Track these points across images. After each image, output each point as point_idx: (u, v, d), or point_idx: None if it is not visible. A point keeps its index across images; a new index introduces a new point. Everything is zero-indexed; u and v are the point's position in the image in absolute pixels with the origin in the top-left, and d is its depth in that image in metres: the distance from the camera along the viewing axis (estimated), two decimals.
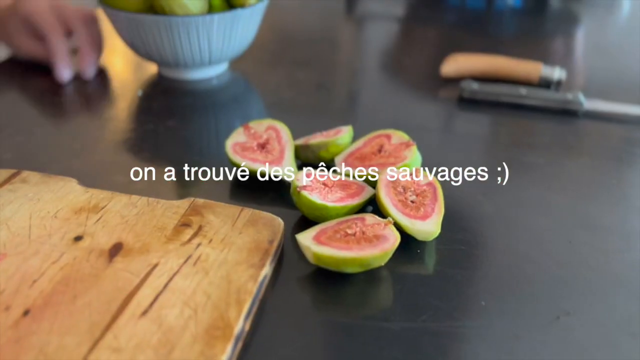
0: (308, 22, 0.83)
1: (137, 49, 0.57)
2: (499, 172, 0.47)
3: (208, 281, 0.32)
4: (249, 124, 0.46)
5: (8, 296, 0.31)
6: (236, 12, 0.54)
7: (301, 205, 0.39)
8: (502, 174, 0.47)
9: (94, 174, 0.43)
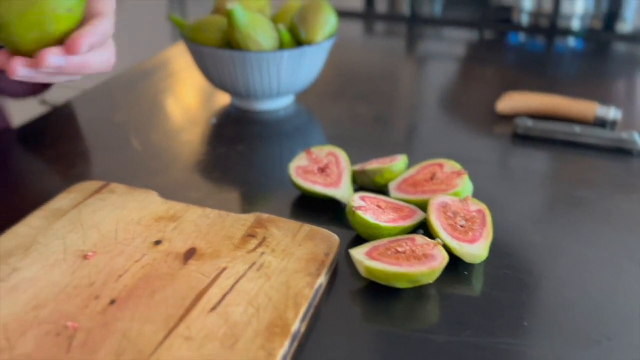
0: (370, 59, 0.88)
1: (213, 81, 0.63)
2: (549, 204, 0.49)
3: (269, 285, 0.36)
4: (311, 149, 0.50)
5: (97, 287, 0.35)
6: (304, 49, 0.59)
7: (356, 224, 0.42)
8: (552, 206, 0.48)
9: (172, 189, 0.48)
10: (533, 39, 0.97)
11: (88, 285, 0.35)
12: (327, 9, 0.62)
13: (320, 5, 0.62)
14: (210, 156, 0.56)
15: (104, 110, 0.66)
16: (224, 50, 0.58)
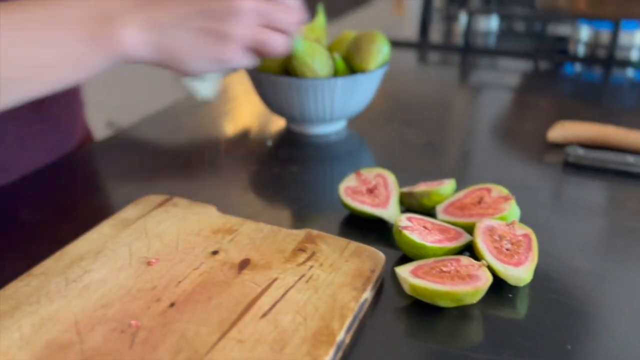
0: (422, 88, 0.90)
1: (270, 105, 0.67)
2: (599, 232, 0.48)
3: (317, 297, 0.38)
4: (361, 171, 0.52)
5: (159, 291, 0.38)
6: (357, 77, 0.62)
7: (402, 243, 0.44)
8: (602, 235, 0.48)
9: (229, 204, 0.51)
10: (589, 70, 0.96)
11: (151, 289, 0.38)
12: (381, 39, 0.65)
13: (374, 35, 0.65)
14: (265, 175, 0.59)
15: (170, 131, 0.70)
16: (281, 77, 0.62)
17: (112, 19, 0.45)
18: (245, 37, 0.48)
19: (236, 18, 0.47)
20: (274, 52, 0.50)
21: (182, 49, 0.47)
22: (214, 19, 0.47)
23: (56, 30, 0.43)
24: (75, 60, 0.45)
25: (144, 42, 0.46)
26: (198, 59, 0.48)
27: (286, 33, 0.51)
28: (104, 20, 0.45)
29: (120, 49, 0.46)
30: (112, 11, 0.45)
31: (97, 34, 0.45)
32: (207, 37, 0.47)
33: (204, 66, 0.49)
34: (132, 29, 0.45)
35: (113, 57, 0.46)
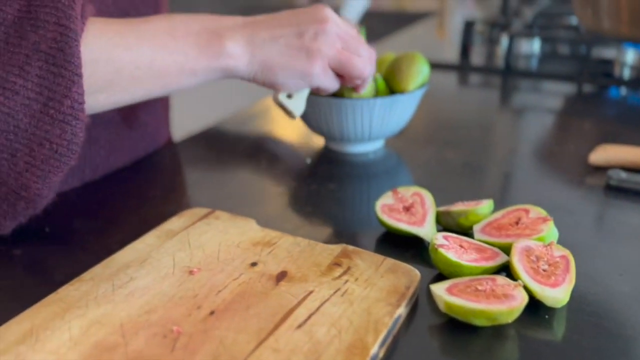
0: (462, 109, 0.90)
1: (310, 124, 0.68)
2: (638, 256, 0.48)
3: (352, 310, 0.39)
4: (397, 189, 0.52)
5: (200, 299, 0.40)
6: (396, 97, 0.63)
7: (437, 261, 0.44)
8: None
9: (269, 219, 0.53)
10: (635, 93, 0.94)
11: (192, 297, 0.40)
12: (420, 60, 0.66)
13: (413, 56, 0.66)
14: (303, 192, 0.60)
15: (213, 148, 0.73)
16: (320, 97, 0.63)
17: (222, 34, 0.53)
18: (330, 54, 0.55)
19: (323, 38, 0.54)
20: (354, 73, 0.57)
21: (275, 61, 0.54)
22: (304, 38, 0.54)
23: (175, 41, 0.51)
24: (188, 67, 0.52)
25: (245, 56, 0.53)
26: (288, 72, 0.55)
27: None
28: (214, 35, 0.52)
29: (226, 61, 0.53)
30: (222, 28, 0.53)
31: (208, 45, 0.52)
32: (297, 52, 0.54)
33: (293, 79, 0.55)
34: (237, 44, 0.53)
35: (219, 67, 0.53)
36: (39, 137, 0.44)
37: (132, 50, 0.48)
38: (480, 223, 0.49)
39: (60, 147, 0.44)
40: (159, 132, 0.74)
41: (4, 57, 0.43)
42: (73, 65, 0.43)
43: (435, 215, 0.50)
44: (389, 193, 0.53)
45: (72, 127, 0.44)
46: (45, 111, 0.43)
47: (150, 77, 0.50)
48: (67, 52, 0.43)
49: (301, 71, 0.55)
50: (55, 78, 0.43)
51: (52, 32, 0.43)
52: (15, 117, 0.43)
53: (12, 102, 0.42)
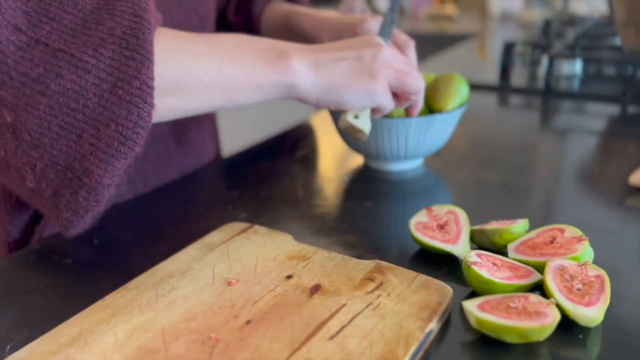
0: (502, 130, 0.90)
1: (349, 143, 0.70)
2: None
3: (383, 324, 0.39)
4: (432, 207, 0.53)
5: (237, 309, 0.41)
6: (432, 117, 0.64)
7: (470, 278, 0.44)
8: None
9: (305, 234, 0.55)
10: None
11: (230, 307, 0.42)
12: (459, 81, 0.67)
13: (452, 76, 0.67)
14: (339, 209, 0.62)
15: (255, 165, 0.75)
16: None
17: (288, 53, 0.54)
18: (390, 74, 0.57)
19: (381, 59, 0.57)
20: (411, 89, 0.58)
21: (340, 81, 0.55)
22: (364, 60, 0.56)
23: (244, 54, 0.52)
24: (255, 79, 0.52)
25: (310, 76, 0.54)
26: (353, 90, 0.56)
27: None
28: (281, 52, 0.54)
29: (292, 78, 0.54)
30: (288, 47, 0.55)
31: (276, 61, 0.53)
32: (359, 72, 0.56)
33: (358, 98, 0.56)
34: (302, 63, 0.54)
35: (285, 83, 0.54)
36: (106, 117, 0.44)
37: (203, 56, 0.50)
38: (515, 242, 0.49)
39: (126, 129, 0.44)
40: (205, 149, 0.78)
41: (80, 39, 0.44)
42: (145, 50, 0.44)
43: (470, 234, 0.51)
44: (424, 211, 0.53)
45: (139, 110, 0.44)
46: (114, 91, 0.44)
47: (218, 85, 0.51)
48: (140, 37, 0.44)
49: (365, 89, 0.56)
50: (127, 60, 0.44)
51: (128, 20, 0.45)
52: (84, 96, 0.44)
53: (84, 81, 0.43)
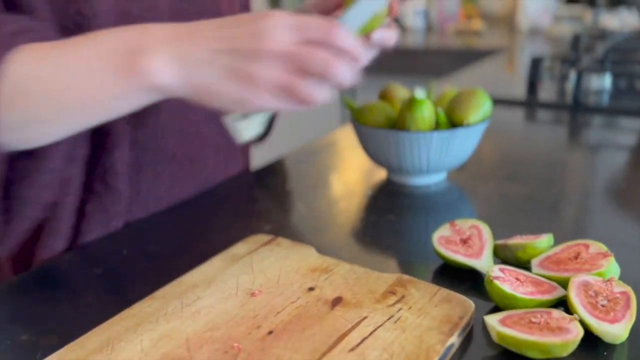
0: (528, 145, 0.89)
1: (372, 156, 0.70)
2: None
3: (404, 337, 0.40)
4: (455, 221, 0.53)
5: (259, 319, 0.42)
6: (454, 131, 0.64)
7: (492, 293, 0.44)
8: None
9: (327, 246, 0.55)
10: None
11: (252, 317, 0.42)
12: (481, 95, 0.67)
13: (474, 91, 0.67)
14: (362, 223, 0.62)
15: (280, 178, 0.76)
16: (380, 129, 0.66)
17: (143, 50, 0.47)
18: (272, 82, 0.46)
19: (264, 60, 0.45)
20: (309, 103, 0.47)
21: (210, 87, 0.47)
22: (243, 59, 0.46)
23: (96, 62, 0.47)
24: (112, 93, 0.47)
25: (172, 74, 0.47)
26: (225, 99, 0.47)
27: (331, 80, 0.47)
28: (135, 52, 0.47)
29: (153, 81, 0.47)
30: (146, 42, 0.47)
31: (128, 66, 0.47)
32: (233, 77, 0.46)
33: (229, 106, 0.48)
34: (160, 60, 0.46)
35: (149, 88, 0.47)
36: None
37: (51, 80, 0.47)
38: (538, 257, 0.49)
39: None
40: (220, 168, 0.75)
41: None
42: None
43: (493, 249, 0.51)
44: (447, 225, 0.53)
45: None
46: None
47: (74, 106, 0.48)
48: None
49: (239, 99, 0.47)
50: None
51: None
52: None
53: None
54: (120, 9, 0.57)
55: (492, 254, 0.50)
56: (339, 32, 0.46)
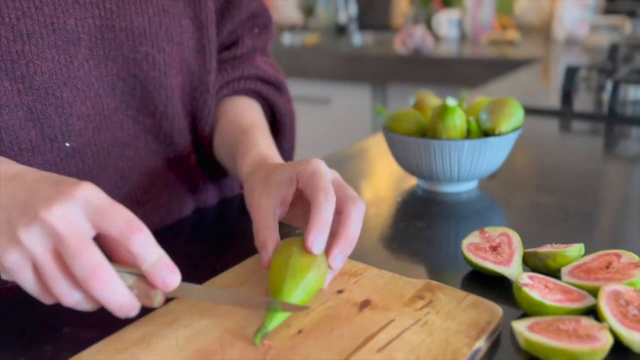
0: (561, 155, 0.88)
1: (402, 164, 0.71)
2: None
3: (431, 340, 0.40)
4: (485, 229, 0.53)
5: (289, 319, 0.43)
6: (486, 140, 0.64)
7: (521, 300, 0.44)
8: None
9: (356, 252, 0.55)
10: None
11: None
12: (514, 104, 0.67)
13: (506, 100, 0.67)
14: (392, 229, 0.63)
15: None
16: (411, 137, 0.66)
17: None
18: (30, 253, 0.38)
19: (35, 228, 0.37)
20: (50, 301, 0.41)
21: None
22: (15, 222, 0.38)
23: None
24: None
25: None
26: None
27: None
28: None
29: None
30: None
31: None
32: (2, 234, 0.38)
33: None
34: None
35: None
36: None
37: None
38: (569, 266, 0.48)
39: None
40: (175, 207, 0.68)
41: None
42: None
43: (523, 257, 0.51)
44: (476, 232, 0.54)
45: None
46: None
47: None
48: None
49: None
50: None
51: None
52: None
53: None
54: None
55: (521, 262, 0.50)
56: (139, 238, 0.39)
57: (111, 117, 0.60)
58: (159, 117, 0.64)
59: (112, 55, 0.58)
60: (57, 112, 0.56)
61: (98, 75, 0.58)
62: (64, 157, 0.57)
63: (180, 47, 0.63)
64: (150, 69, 0.61)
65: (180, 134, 0.67)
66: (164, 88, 0.63)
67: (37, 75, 0.54)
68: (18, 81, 0.53)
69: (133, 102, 0.62)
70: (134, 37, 0.59)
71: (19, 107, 0.54)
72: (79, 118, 0.57)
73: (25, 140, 0.55)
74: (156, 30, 0.60)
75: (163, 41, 0.61)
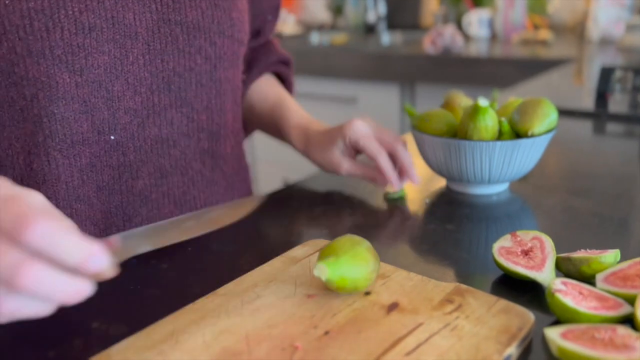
0: (596, 157, 0.86)
1: (431, 165, 0.70)
2: None
3: (460, 345, 0.39)
4: (517, 232, 0.52)
5: (317, 320, 0.43)
6: (518, 142, 0.63)
7: (554, 307, 0.43)
8: None
9: (385, 253, 0.56)
10: None
11: (309, 317, 0.43)
12: (547, 105, 0.66)
13: (539, 101, 0.66)
14: (421, 231, 0.62)
15: (338, 185, 0.77)
16: (441, 137, 0.65)
17: None
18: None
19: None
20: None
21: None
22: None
23: None
24: None
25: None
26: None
27: None
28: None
29: None
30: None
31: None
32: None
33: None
34: None
35: None
36: None
37: None
38: (604, 272, 0.47)
39: None
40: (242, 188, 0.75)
41: None
42: None
43: (556, 262, 0.49)
44: (508, 236, 0.53)
45: None
46: None
47: None
48: None
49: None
50: None
51: None
52: None
53: None
54: None
55: (554, 267, 0.49)
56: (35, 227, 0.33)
57: (161, 113, 0.61)
58: (211, 112, 0.66)
59: (168, 49, 0.60)
60: (107, 104, 0.58)
61: (153, 70, 0.60)
62: (108, 149, 0.59)
63: (230, 40, 0.66)
64: (203, 62, 0.63)
65: (229, 130, 0.69)
66: (216, 81, 0.65)
67: (94, 68, 0.56)
68: (76, 74, 0.55)
69: (187, 97, 0.63)
70: (188, 31, 0.61)
71: (75, 99, 0.56)
72: (125, 112, 0.59)
73: (77, 133, 0.57)
74: (209, 23, 0.62)
75: (215, 34, 0.63)
